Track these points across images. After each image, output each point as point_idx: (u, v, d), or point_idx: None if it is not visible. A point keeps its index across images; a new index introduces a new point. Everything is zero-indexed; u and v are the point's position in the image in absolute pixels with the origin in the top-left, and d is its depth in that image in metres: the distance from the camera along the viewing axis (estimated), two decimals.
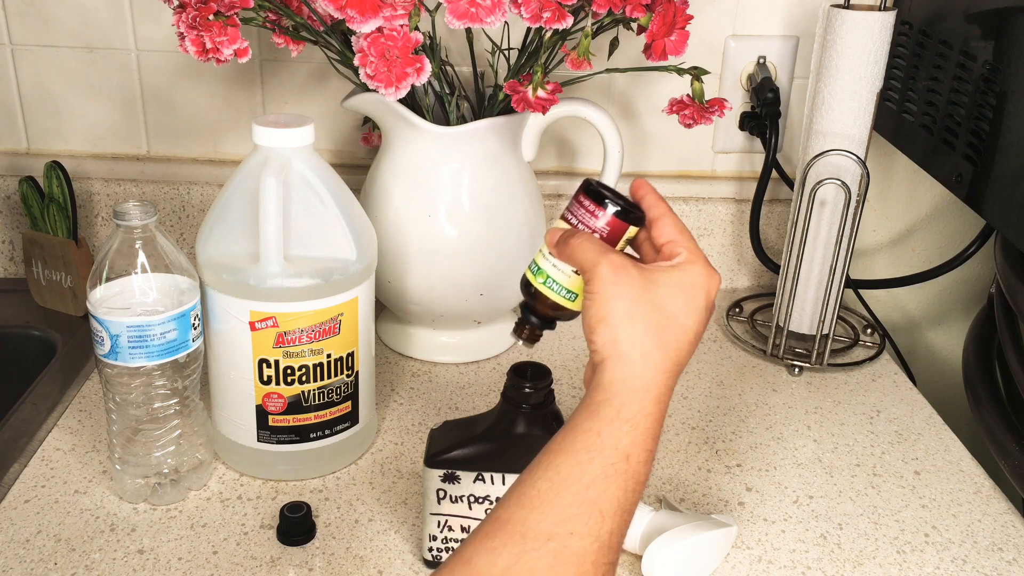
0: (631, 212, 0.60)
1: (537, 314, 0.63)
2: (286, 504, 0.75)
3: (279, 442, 0.79)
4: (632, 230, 0.61)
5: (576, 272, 0.60)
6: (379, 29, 0.78)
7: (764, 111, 1.06)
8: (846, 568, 0.74)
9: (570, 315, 0.63)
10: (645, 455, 0.54)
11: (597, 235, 0.60)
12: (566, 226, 0.61)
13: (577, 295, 0.62)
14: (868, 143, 0.95)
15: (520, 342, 0.65)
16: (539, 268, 0.62)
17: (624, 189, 1.12)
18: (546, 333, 0.65)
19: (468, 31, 0.90)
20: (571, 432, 0.54)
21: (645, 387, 0.55)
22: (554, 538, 0.50)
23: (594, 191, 0.60)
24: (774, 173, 1.09)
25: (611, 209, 0.60)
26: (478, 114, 0.93)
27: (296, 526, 0.74)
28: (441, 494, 0.69)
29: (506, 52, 0.93)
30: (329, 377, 0.78)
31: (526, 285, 0.63)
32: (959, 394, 1.00)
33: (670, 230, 0.59)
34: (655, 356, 0.55)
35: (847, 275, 1.01)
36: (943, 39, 0.92)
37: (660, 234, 0.60)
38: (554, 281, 0.62)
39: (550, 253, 0.61)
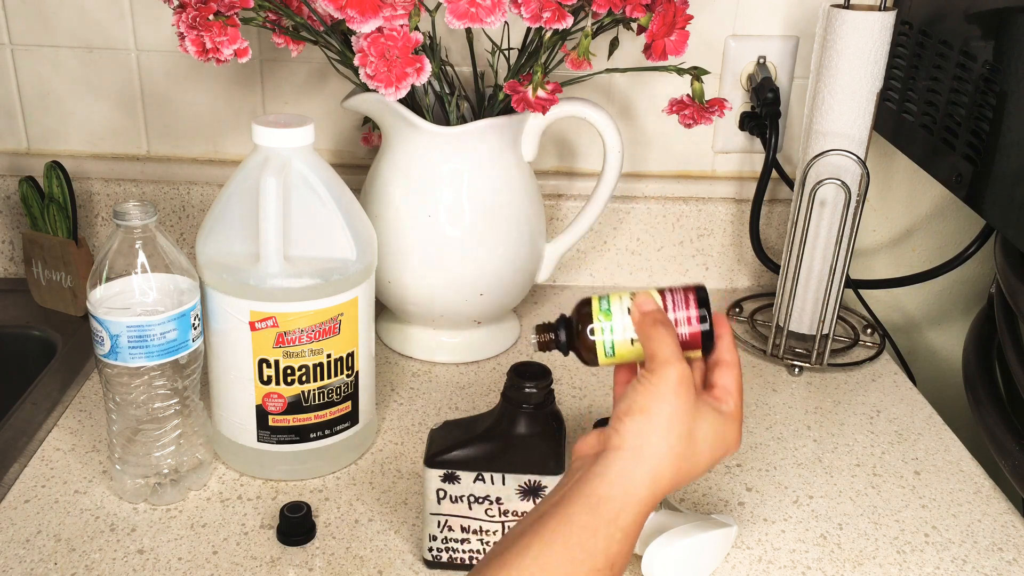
0: (712, 340, 0.61)
1: (569, 336, 0.63)
2: (286, 504, 0.75)
3: (279, 442, 0.79)
4: (698, 354, 0.62)
5: (635, 342, 0.61)
6: (379, 29, 0.78)
7: (764, 111, 1.06)
8: (846, 568, 0.74)
9: (589, 360, 0.63)
10: (623, 563, 0.55)
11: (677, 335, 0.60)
12: (659, 300, 0.61)
13: (615, 355, 0.62)
14: (868, 143, 0.95)
15: (534, 339, 0.64)
16: (609, 311, 0.62)
17: (622, 188, 1.13)
18: None
19: (468, 31, 0.90)
20: (566, 521, 0.54)
21: (645, 500, 0.55)
22: None
23: (704, 299, 0.61)
24: (774, 173, 1.09)
25: (704, 327, 0.61)
26: (478, 114, 0.93)
27: (296, 526, 0.74)
28: (441, 494, 0.69)
29: (506, 52, 0.93)
30: (329, 377, 0.78)
31: (584, 309, 0.63)
32: (959, 394, 1.00)
33: (731, 379, 0.60)
34: (665, 477, 0.56)
35: (847, 275, 1.01)
36: (943, 39, 0.92)
37: (721, 376, 0.61)
38: (612, 332, 0.61)
39: (629, 311, 0.61)
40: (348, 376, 0.79)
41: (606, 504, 0.54)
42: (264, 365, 0.76)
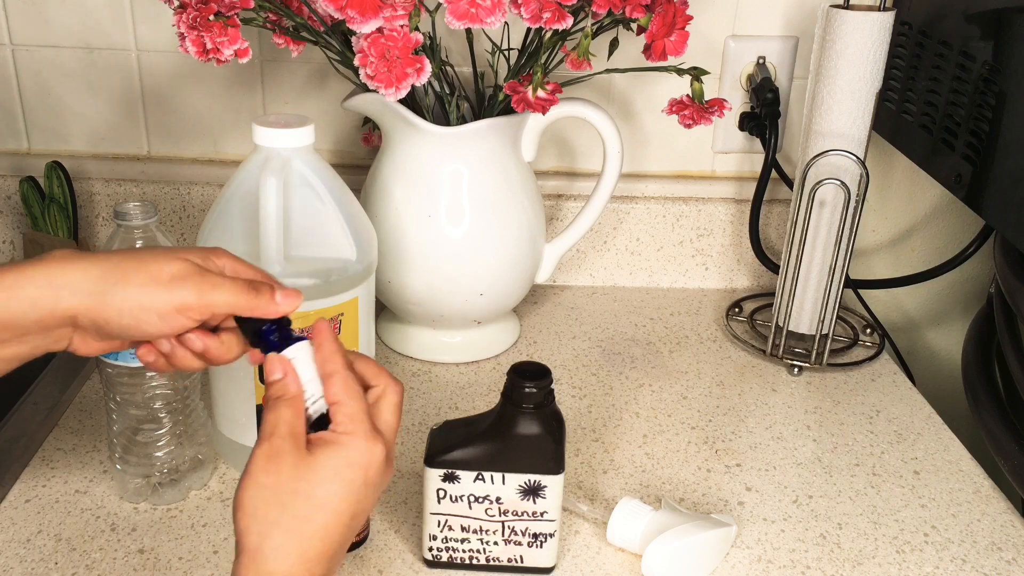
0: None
1: None
2: None
3: None
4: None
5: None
6: (379, 29, 0.78)
7: (764, 111, 1.06)
8: (846, 568, 0.75)
9: None
10: None
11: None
12: (280, 368, 0.56)
13: None
14: (867, 143, 0.95)
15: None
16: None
17: (622, 188, 1.13)
18: (544, 332, 0.65)
19: (468, 31, 0.90)
20: None
21: None
22: None
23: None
24: (774, 173, 1.09)
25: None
26: (478, 114, 0.93)
27: None
28: (441, 494, 0.69)
29: (506, 52, 0.93)
30: None
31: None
32: (958, 394, 1.00)
33: (337, 389, 0.55)
34: (288, 547, 0.51)
35: (847, 275, 1.01)
36: (943, 39, 0.92)
37: (329, 393, 0.55)
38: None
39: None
40: None
41: None
42: None
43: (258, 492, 0.52)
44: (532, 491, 0.68)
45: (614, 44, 0.89)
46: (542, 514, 0.70)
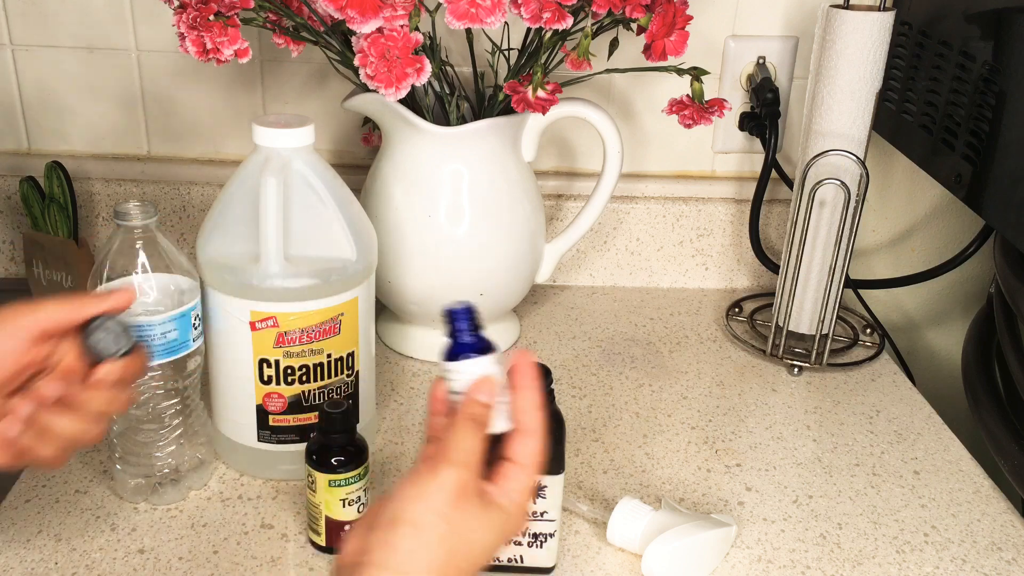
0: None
1: None
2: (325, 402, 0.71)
3: (280, 442, 0.79)
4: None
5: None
6: (379, 29, 0.78)
7: (764, 111, 1.06)
8: (846, 568, 0.75)
9: None
10: None
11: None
12: (486, 390, 0.54)
13: None
14: (867, 143, 0.95)
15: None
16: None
17: (622, 188, 1.13)
18: (544, 332, 0.65)
19: (468, 31, 0.90)
20: None
21: None
22: None
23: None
24: (774, 173, 1.09)
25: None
26: (478, 114, 0.93)
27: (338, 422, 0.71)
28: None
29: (506, 52, 0.93)
30: (329, 377, 0.78)
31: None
32: (958, 394, 1.00)
33: (528, 455, 0.54)
34: None
35: (847, 275, 1.01)
36: (943, 39, 0.92)
37: (517, 452, 0.54)
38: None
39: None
40: (348, 376, 0.79)
41: None
42: (264, 365, 0.76)
43: (437, 522, 0.50)
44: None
45: (614, 44, 0.89)
46: (542, 514, 0.70)
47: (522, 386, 0.55)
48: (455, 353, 0.56)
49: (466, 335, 0.56)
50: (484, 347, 0.56)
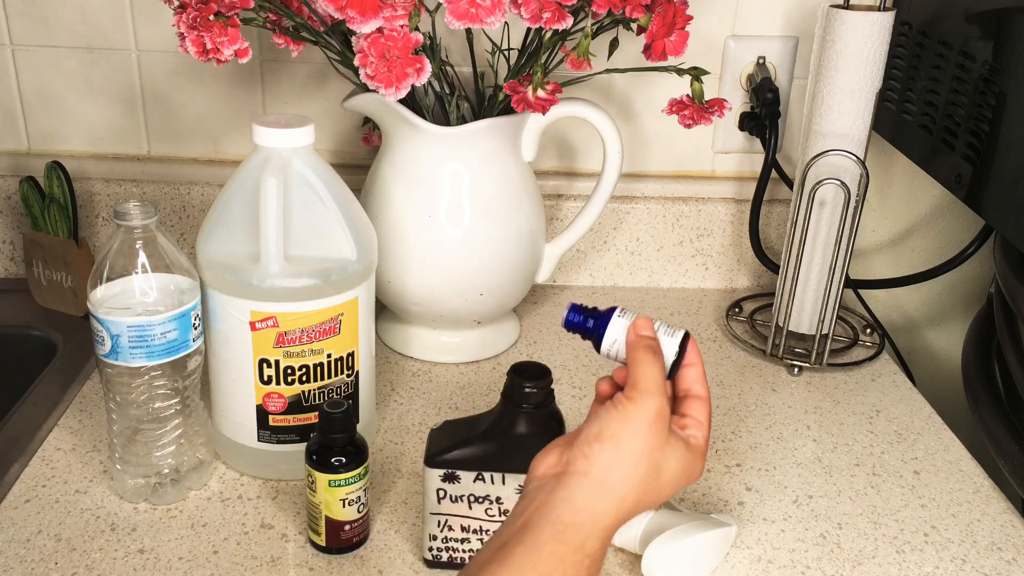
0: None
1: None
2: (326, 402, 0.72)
3: (280, 442, 0.79)
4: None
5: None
6: (379, 29, 0.78)
7: (764, 111, 1.06)
8: (846, 568, 0.75)
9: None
10: None
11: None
12: (651, 328, 0.61)
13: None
14: (867, 143, 0.95)
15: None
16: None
17: (622, 188, 1.13)
18: (544, 332, 0.65)
19: (468, 31, 0.90)
20: (535, 548, 0.53)
21: (609, 528, 0.55)
22: None
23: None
24: (774, 173, 1.09)
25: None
26: (478, 114, 0.93)
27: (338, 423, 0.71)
28: (441, 494, 0.69)
29: (506, 52, 0.93)
30: (329, 377, 0.78)
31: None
32: (959, 394, 1.00)
33: (703, 413, 0.60)
34: (628, 505, 0.55)
35: (847, 275, 1.01)
36: (943, 39, 0.92)
37: (693, 408, 0.60)
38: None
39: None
40: (348, 376, 0.79)
41: (572, 532, 0.53)
42: (264, 365, 0.76)
43: (637, 440, 0.55)
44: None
45: (614, 44, 0.89)
46: None
47: (690, 362, 0.61)
48: (598, 337, 0.62)
49: (590, 322, 0.62)
50: (606, 314, 0.62)
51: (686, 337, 0.61)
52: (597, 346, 0.63)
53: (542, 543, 0.53)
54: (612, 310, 0.62)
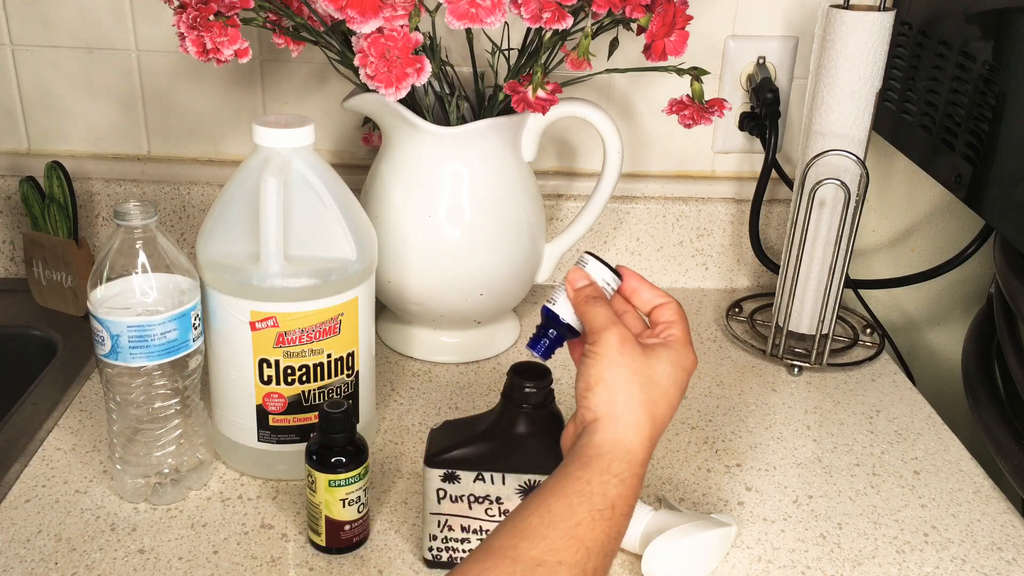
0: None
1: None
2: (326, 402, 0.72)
3: (280, 442, 0.79)
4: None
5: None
6: (379, 29, 0.78)
7: (764, 111, 1.06)
8: (846, 568, 0.75)
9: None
10: (627, 509, 0.57)
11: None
12: (584, 276, 0.65)
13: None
14: (867, 143, 0.95)
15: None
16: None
17: (622, 188, 1.13)
18: None
19: (468, 31, 0.90)
20: (562, 479, 0.57)
21: (634, 449, 0.58)
22: (543, 564, 0.52)
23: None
24: (774, 173, 1.09)
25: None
26: (478, 114, 0.93)
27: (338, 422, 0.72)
28: (441, 494, 0.69)
29: (506, 52, 0.93)
30: (329, 377, 0.78)
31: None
32: (959, 394, 1.00)
33: (669, 312, 0.64)
34: (645, 424, 0.59)
35: (847, 275, 1.01)
36: (943, 39, 0.92)
37: (660, 313, 0.64)
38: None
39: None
40: (348, 376, 0.79)
41: (596, 460, 0.57)
42: (264, 365, 0.76)
43: (617, 371, 0.59)
44: (532, 491, 0.68)
45: (614, 44, 0.89)
46: None
47: (632, 288, 0.66)
48: (567, 329, 0.66)
49: (547, 331, 0.66)
50: (544, 313, 0.66)
51: (609, 266, 0.65)
52: (576, 336, 0.66)
53: (569, 473, 0.57)
54: (544, 308, 0.66)
